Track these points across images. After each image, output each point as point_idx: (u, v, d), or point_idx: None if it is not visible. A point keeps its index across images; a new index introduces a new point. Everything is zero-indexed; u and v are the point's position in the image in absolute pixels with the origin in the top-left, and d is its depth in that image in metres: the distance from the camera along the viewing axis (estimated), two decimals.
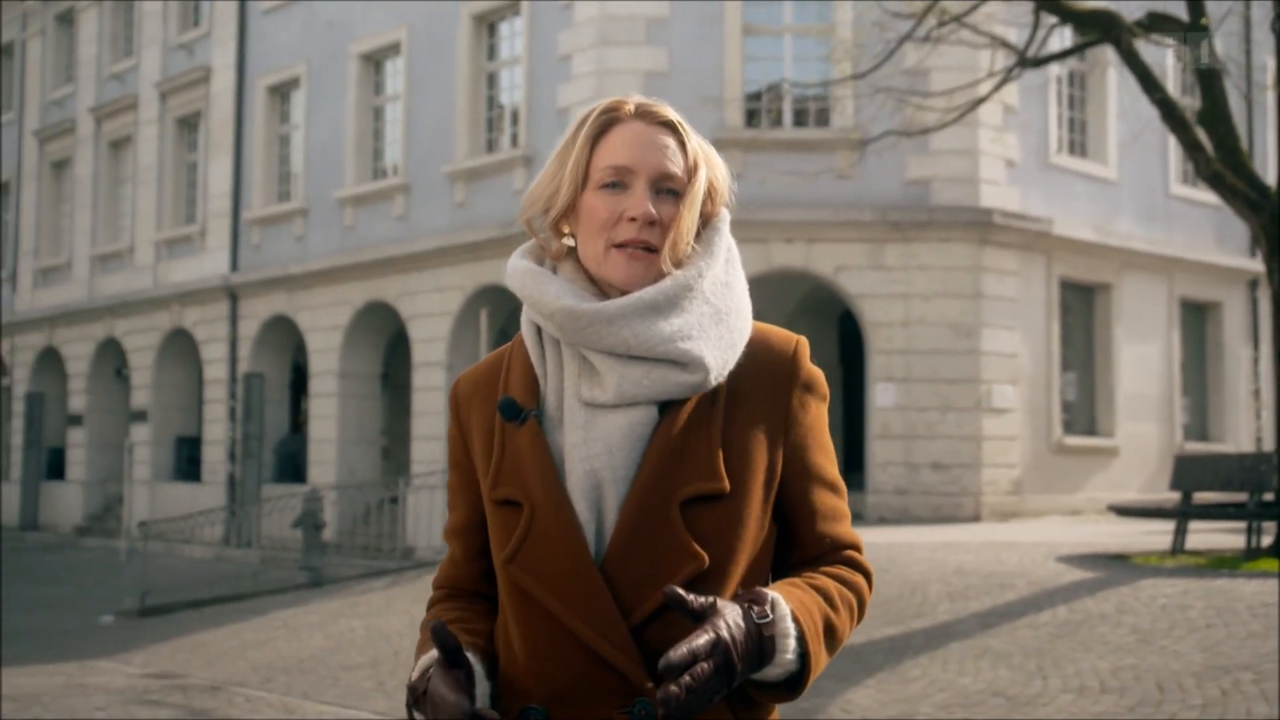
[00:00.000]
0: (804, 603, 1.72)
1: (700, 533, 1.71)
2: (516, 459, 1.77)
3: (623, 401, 1.74)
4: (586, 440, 1.74)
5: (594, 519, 1.73)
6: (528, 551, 1.74)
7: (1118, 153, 18.54)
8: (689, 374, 1.74)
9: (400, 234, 19.52)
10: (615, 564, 1.71)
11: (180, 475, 24.03)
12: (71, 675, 10.05)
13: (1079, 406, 18.22)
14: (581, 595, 1.70)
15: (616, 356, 1.75)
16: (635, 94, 1.89)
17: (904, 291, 16.14)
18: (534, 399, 1.80)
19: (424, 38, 19.42)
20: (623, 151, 1.79)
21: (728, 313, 1.80)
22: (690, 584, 1.70)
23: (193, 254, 23.62)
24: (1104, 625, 8.53)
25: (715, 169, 1.86)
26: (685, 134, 1.83)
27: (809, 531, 1.83)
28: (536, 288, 1.80)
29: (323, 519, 14.87)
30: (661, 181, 1.79)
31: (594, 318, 1.74)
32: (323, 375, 20.68)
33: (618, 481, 1.73)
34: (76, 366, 26.39)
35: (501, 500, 1.78)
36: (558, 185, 1.83)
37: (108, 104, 25.83)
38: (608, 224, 1.78)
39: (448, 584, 1.95)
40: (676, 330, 1.74)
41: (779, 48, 17.04)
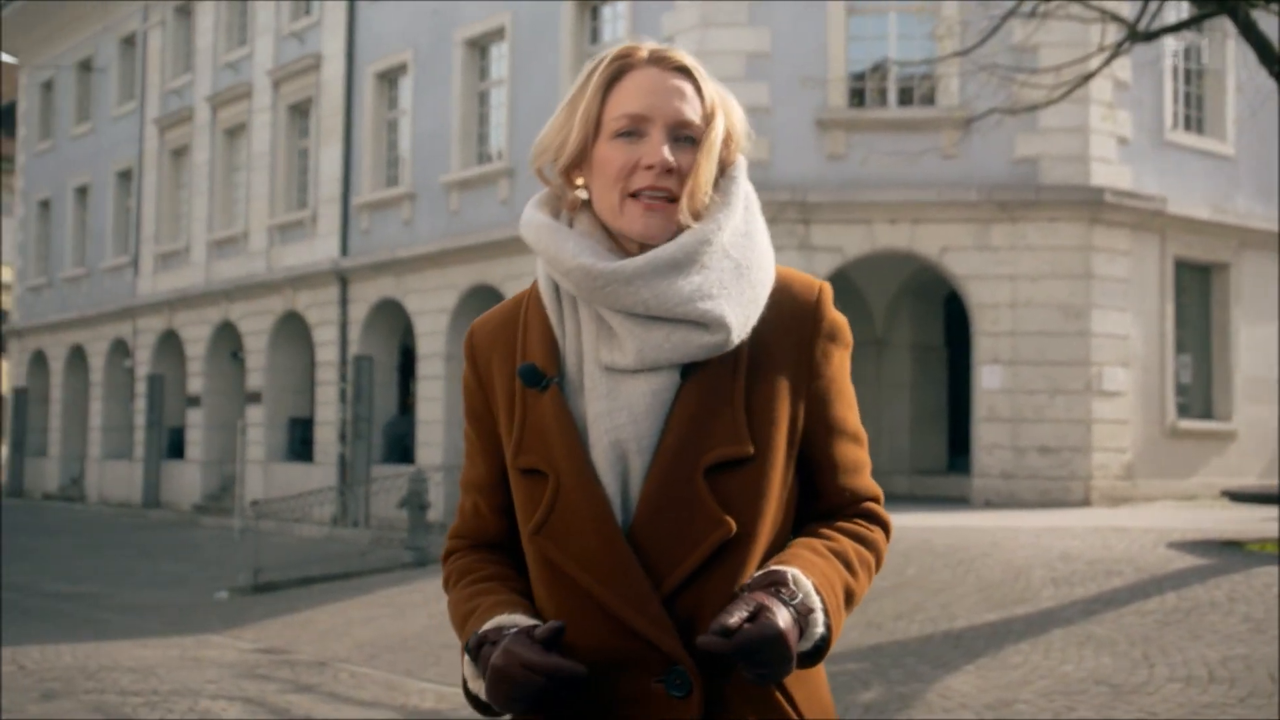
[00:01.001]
0: (826, 574, 1.70)
1: (726, 498, 1.69)
2: (540, 427, 1.74)
3: (643, 366, 1.70)
4: (611, 410, 1.71)
5: (620, 489, 1.71)
6: (555, 524, 1.72)
7: (1235, 128, 17.98)
8: (710, 334, 1.70)
9: (505, 218, 19.68)
10: (643, 534, 1.69)
11: (293, 455, 24.56)
12: (186, 649, 10.37)
13: (1194, 389, 17.76)
14: (611, 569, 1.68)
15: (635, 318, 1.71)
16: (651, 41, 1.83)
17: (1011, 272, 15.86)
18: (554, 362, 1.76)
19: (528, 22, 19.54)
20: (637, 98, 1.74)
21: (749, 266, 1.75)
22: (718, 550, 1.68)
23: (304, 238, 24.08)
24: (1214, 613, 8.33)
25: (732, 115, 1.80)
26: (701, 79, 1.78)
27: (830, 484, 1.81)
28: (553, 243, 1.75)
29: (428, 499, 15.10)
30: (678, 129, 1.74)
31: (611, 277, 1.69)
32: (430, 358, 20.97)
33: (643, 450, 1.70)
34: (194, 349, 27.09)
35: (526, 469, 1.75)
36: (567, 133, 1.78)
37: (223, 92, 26.42)
38: (623, 173, 1.73)
39: (470, 535, 1.90)
40: (696, 289, 1.69)
41: (883, 26, 16.81)
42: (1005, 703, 7.05)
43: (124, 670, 9.27)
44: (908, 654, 8.18)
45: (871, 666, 7.97)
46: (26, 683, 8.76)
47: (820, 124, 16.09)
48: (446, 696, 8.37)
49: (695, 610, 1.69)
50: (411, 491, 14.89)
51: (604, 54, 1.80)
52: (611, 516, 1.69)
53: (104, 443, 30.61)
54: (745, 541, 1.70)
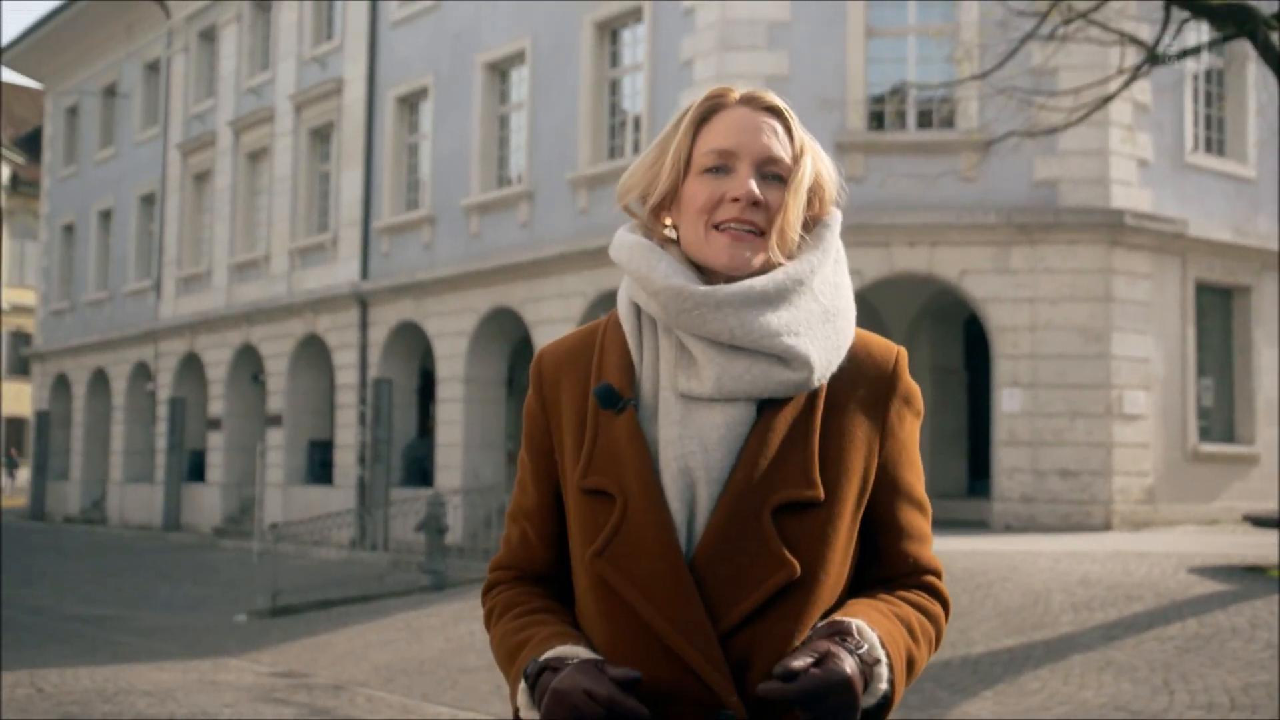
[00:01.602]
0: (890, 632, 1.68)
1: (791, 540, 1.66)
2: (612, 449, 1.71)
3: (721, 396, 1.69)
4: (682, 436, 1.68)
5: (686, 518, 1.68)
6: (618, 546, 1.68)
7: (1256, 150, 17.91)
8: (793, 371, 1.69)
9: (524, 241, 19.74)
10: (704, 566, 1.66)
11: (313, 478, 24.61)
12: (204, 672, 10.37)
13: (1216, 413, 17.64)
14: (671, 597, 1.65)
15: (718, 346, 1.69)
16: (744, 84, 1.84)
17: (1031, 295, 15.81)
18: (630, 386, 1.74)
19: (548, 46, 19.62)
20: (727, 135, 1.75)
21: (835, 314, 1.75)
22: (779, 592, 1.66)
23: (325, 262, 24.19)
24: (1236, 640, 8.25)
25: (822, 163, 1.81)
26: (791, 121, 1.79)
27: (893, 549, 1.78)
28: (646, 263, 1.74)
29: (446, 523, 15.10)
30: (766, 165, 1.74)
31: (702, 300, 1.68)
32: (449, 381, 21.01)
33: (712, 481, 1.68)
34: (215, 372, 27.21)
35: (591, 490, 1.72)
36: (658, 171, 1.79)
37: (245, 117, 26.61)
38: (709, 206, 1.73)
39: (516, 566, 1.86)
40: (784, 324, 1.69)
41: (902, 49, 16.82)
42: None
43: (141, 693, 9.28)
44: (925, 679, 8.13)
45: None
46: (45, 705, 8.78)
47: (839, 146, 16.09)
48: None
49: (750, 651, 1.66)
50: (429, 515, 14.90)
51: (698, 97, 1.81)
52: (676, 543, 1.66)
53: (125, 466, 30.73)
54: (807, 586, 1.67)
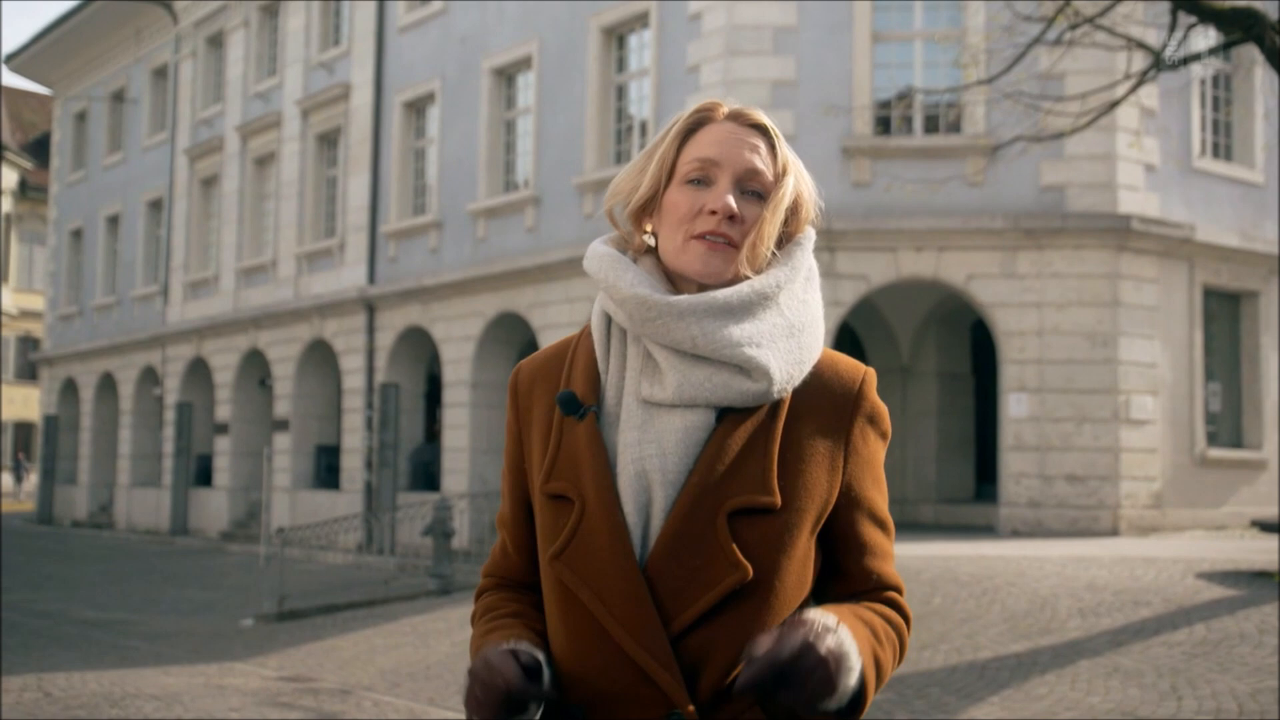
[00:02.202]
0: (856, 630, 1.69)
1: (746, 545, 1.68)
2: (572, 454, 1.75)
3: (681, 402, 1.72)
4: (641, 440, 1.72)
5: (641, 521, 1.71)
6: (575, 549, 1.72)
7: (1265, 155, 17.89)
8: (752, 382, 1.71)
9: (531, 245, 19.76)
10: (658, 568, 1.69)
11: (319, 483, 24.64)
12: (211, 676, 10.38)
13: (1224, 418, 17.62)
14: (623, 599, 1.68)
15: (680, 355, 1.72)
16: (734, 99, 1.87)
17: (1038, 300, 15.80)
18: (594, 393, 1.78)
19: (554, 51, 19.65)
20: (711, 146, 1.79)
21: (800, 329, 1.78)
22: (732, 595, 1.68)
23: (332, 267, 24.22)
24: (1244, 645, 8.23)
25: (804, 183, 1.83)
26: (777, 139, 1.82)
27: (856, 565, 1.80)
28: (613, 272, 1.78)
29: (452, 527, 15.10)
30: (746, 180, 1.77)
31: (664, 310, 1.72)
32: (456, 385, 21.03)
33: (668, 485, 1.70)
34: (223, 376, 27.25)
35: (553, 494, 1.76)
36: (642, 178, 1.82)
37: (253, 122, 26.66)
38: (688, 216, 1.76)
39: (497, 573, 1.94)
40: (746, 336, 1.72)
41: (909, 54, 16.82)
42: None
43: (148, 698, 9.29)
44: (932, 684, 8.11)
45: (896, 697, 7.91)
46: (53, 709, 8.79)
47: (845, 151, 16.10)
48: None
49: (702, 654, 1.68)
50: (436, 519, 14.90)
51: (688, 107, 1.86)
52: (629, 546, 1.69)
53: (133, 470, 30.79)
54: (761, 591, 1.69)
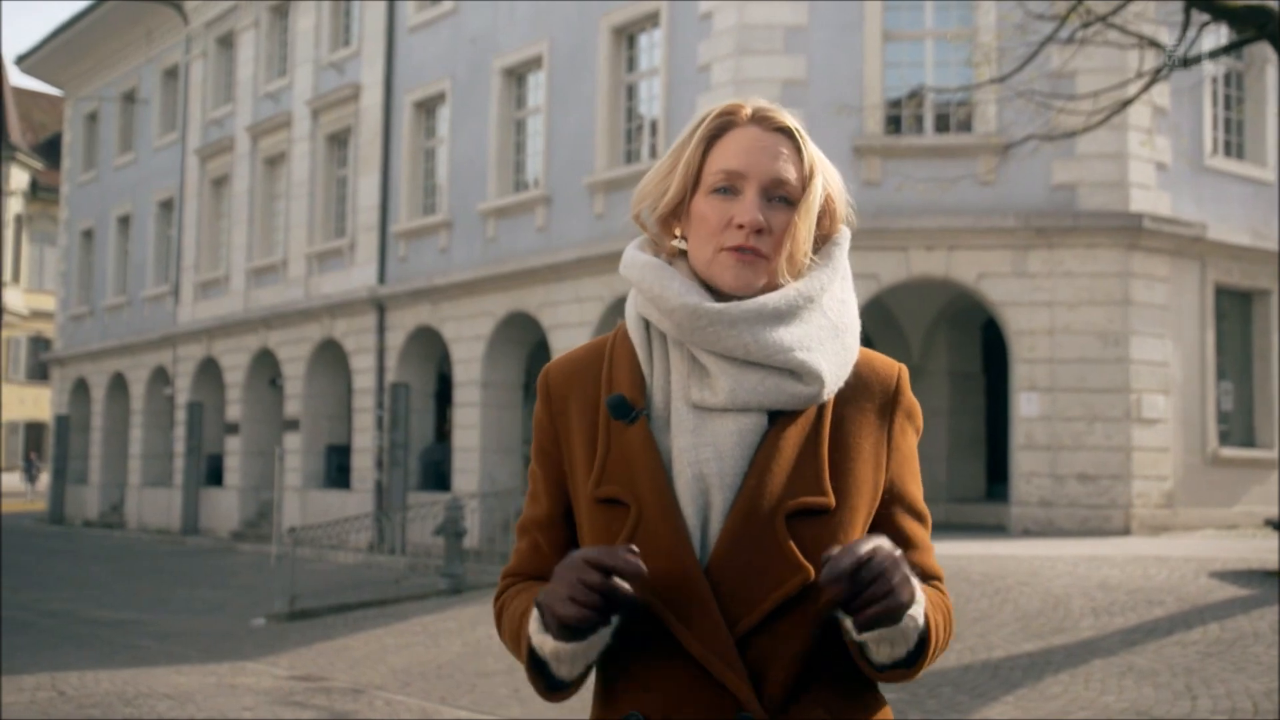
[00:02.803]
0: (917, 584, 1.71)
1: (804, 545, 1.69)
2: (625, 458, 1.74)
3: (734, 406, 1.72)
4: (696, 444, 1.71)
5: (700, 524, 1.71)
6: None
7: (1277, 154, 17.83)
8: (804, 385, 1.73)
9: (541, 245, 19.76)
10: (720, 571, 1.69)
11: (330, 482, 24.67)
12: (223, 676, 10.40)
13: (1236, 417, 17.56)
14: (688, 602, 1.68)
15: (731, 360, 1.73)
16: (758, 98, 1.85)
17: (1049, 299, 15.77)
18: (641, 397, 1.77)
19: (565, 51, 19.65)
20: (736, 156, 1.77)
21: (843, 330, 1.79)
22: (794, 596, 1.68)
23: (342, 267, 24.25)
24: (1258, 645, 8.21)
25: (832, 182, 1.82)
26: (802, 141, 1.80)
27: None
28: (658, 282, 1.77)
29: (464, 527, 15.11)
30: (773, 188, 1.76)
31: (716, 318, 1.72)
32: (466, 385, 21.04)
33: (725, 488, 1.71)
34: (233, 376, 27.29)
35: (605, 499, 1.74)
36: (668, 185, 1.81)
37: (263, 122, 26.70)
38: (717, 229, 1.76)
39: (525, 572, 1.88)
40: (797, 340, 1.73)
41: (919, 53, 16.79)
42: None
43: (161, 697, 9.31)
44: (945, 684, 8.10)
45: (909, 697, 7.90)
46: (66, 708, 8.82)
47: (856, 150, 16.07)
48: None
49: (766, 655, 1.68)
50: (448, 519, 14.92)
51: (711, 108, 1.83)
52: (691, 549, 1.69)
53: (144, 470, 30.85)
54: (820, 591, 1.68)
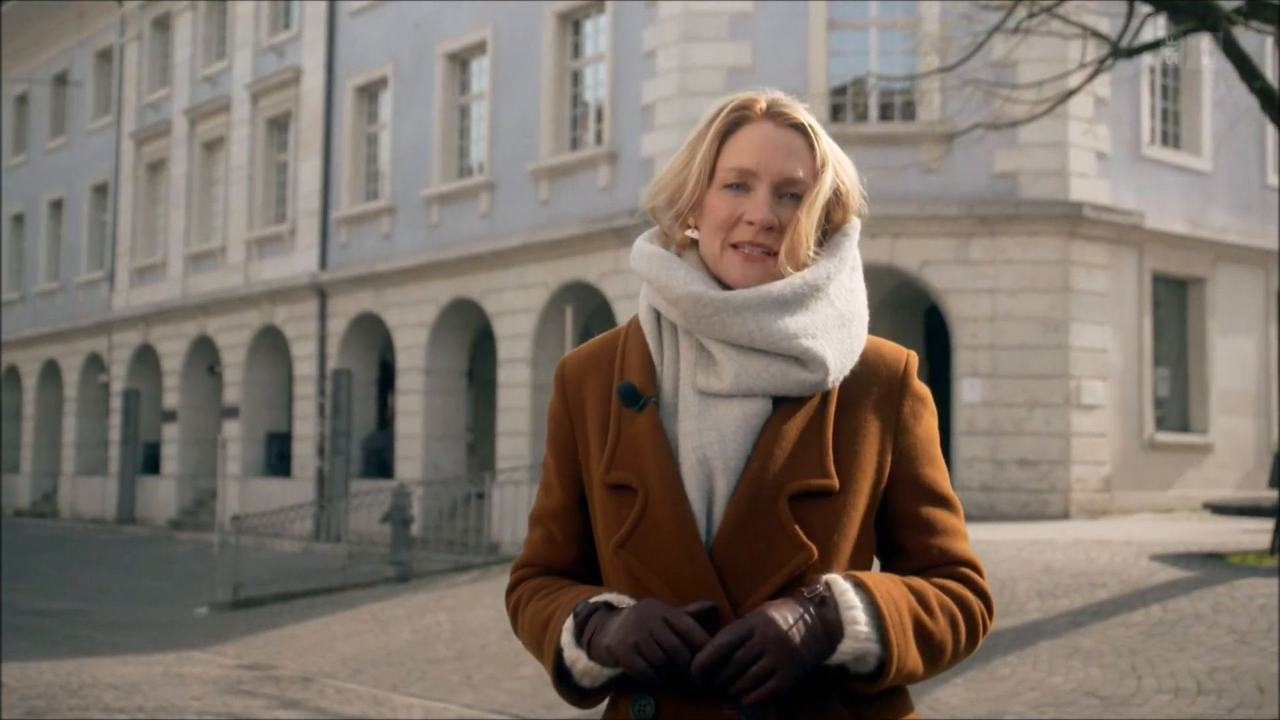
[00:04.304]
0: (888, 590, 1.70)
1: (808, 527, 1.71)
2: (633, 444, 1.76)
3: (739, 392, 1.74)
4: (700, 429, 1.74)
5: (705, 507, 1.73)
6: (640, 538, 1.74)
7: (1212, 144, 18.15)
8: (809, 372, 1.75)
9: (485, 231, 19.68)
10: (724, 553, 1.71)
11: (270, 471, 24.44)
12: (169, 665, 10.29)
13: (1172, 402, 17.87)
14: (692, 584, 1.70)
15: (737, 347, 1.75)
16: (774, 90, 1.86)
17: (991, 286, 15.94)
18: (651, 385, 1.80)
19: (509, 36, 19.55)
20: (748, 154, 1.79)
21: (850, 318, 1.81)
22: (797, 576, 1.70)
23: (283, 253, 24.01)
24: (1199, 625, 8.37)
25: (845, 175, 1.84)
26: (816, 136, 1.82)
27: (918, 542, 1.81)
28: (665, 272, 1.80)
29: (411, 514, 15.05)
30: (784, 186, 1.78)
31: (721, 306, 1.74)
32: (409, 372, 20.92)
33: (729, 471, 1.73)
34: (171, 364, 26.95)
35: (615, 485, 1.77)
36: (684, 179, 1.83)
37: (201, 105, 26.34)
38: (726, 224, 1.78)
39: (540, 563, 1.91)
40: (802, 328, 1.75)
41: (864, 42, 16.90)
42: (996, 715, 7.07)
43: (106, 687, 9.20)
44: None
45: None
46: (9, 700, 8.68)
47: None
48: (434, 711, 8.33)
49: None
50: (395, 506, 14.84)
51: (726, 100, 1.84)
52: (696, 532, 1.71)
53: (78, 458, 30.39)
54: (823, 571, 1.71)
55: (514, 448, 18.79)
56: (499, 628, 10.78)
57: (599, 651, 1.69)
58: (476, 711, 8.24)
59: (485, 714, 8.17)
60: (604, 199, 17.77)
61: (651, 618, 1.65)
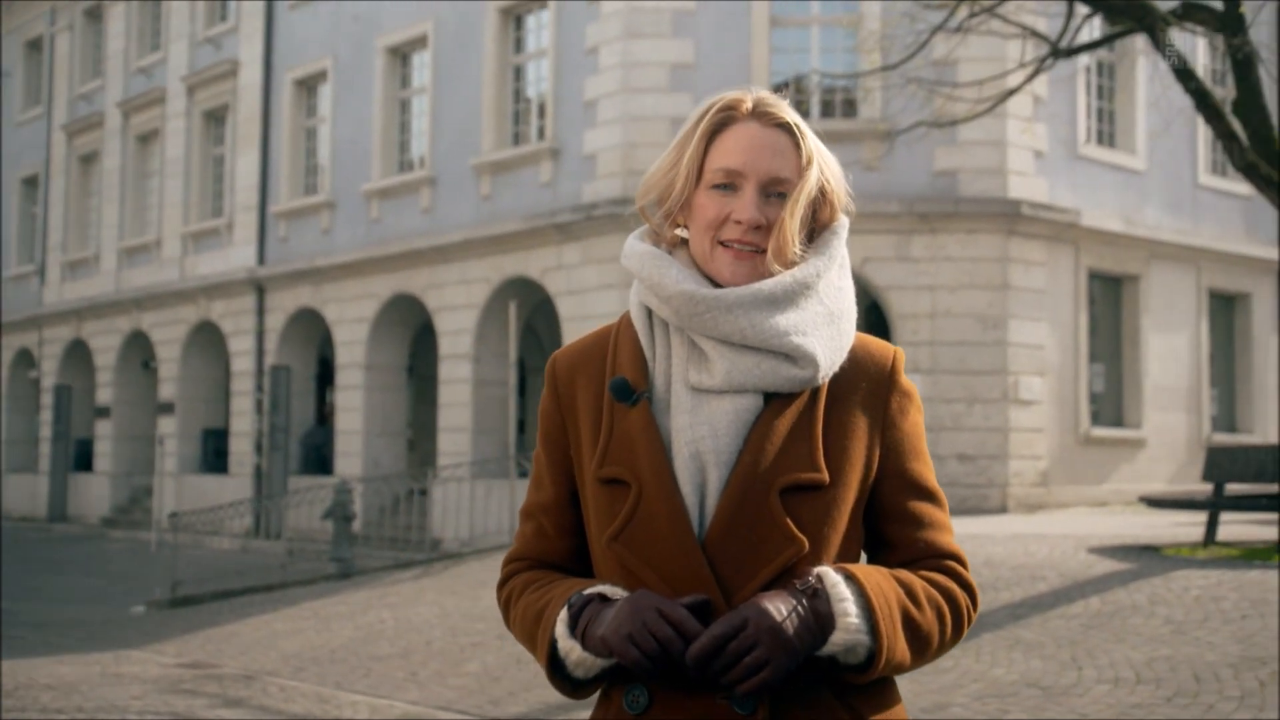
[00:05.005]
0: (878, 583, 1.73)
1: (798, 520, 1.74)
2: (626, 439, 1.78)
3: (730, 388, 1.77)
4: (693, 424, 1.76)
5: (697, 500, 1.75)
6: (633, 530, 1.76)
7: (1146, 143, 18.45)
8: (799, 368, 1.77)
9: (426, 227, 19.57)
10: (716, 545, 1.73)
11: (207, 467, 24.16)
12: (107, 665, 10.14)
13: (1106, 398, 18.15)
14: (685, 576, 1.72)
15: (728, 344, 1.77)
16: (760, 90, 1.88)
17: (930, 283, 16.11)
18: (643, 381, 1.82)
19: (450, 31, 19.45)
20: (735, 154, 1.81)
21: (839, 316, 1.83)
22: (789, 568, 1.72)
23: (219, 247, 23.73)
24: (1137, 616, 8.51)
25: (830, 173, 1.86)
26: (801, 135, 1.84)
27: (904, 535, 1.84)
28: (657, 271, 1.82)
29: (353, 510, 14.94)
30: (771, 185, 1.80)
31: (713, 304, 1.76)
32: (349, 368, 20.76)
33: (721, 465, 1.75)
34: (104, 359, 26.55)
35: (608, 479, 1.79)
36: (673, 179, 1.85)
37: (135, 98, 25.96)
38: (716, 223, 1.80)
39: (532, 556, 1.93)
40: (792, 325, 1.77)
41: (806, 39, 17.00)
42: (940, 706, 7.14)
43: (43, 688, 9.04)
44: None
45: None
46: None
47: None
48: (379, 708, 8.28)
49: None
50: (337, 502, 14.73)
51: (713, 100, 1.86)
52: (688, 525, 1.73)
53: (7, 455, 29.86)
54: (814, 563, 1.74)
55: (455, 444, 18.70)
56: (443, 624, 10.73)
57: (593, 642, 1.71)
58: (422, 708, 8.20)
59: (431, 710, 8.13)
60: (546, 194, 17.73)
61: (646, 609, 1.67)
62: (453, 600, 11.81)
